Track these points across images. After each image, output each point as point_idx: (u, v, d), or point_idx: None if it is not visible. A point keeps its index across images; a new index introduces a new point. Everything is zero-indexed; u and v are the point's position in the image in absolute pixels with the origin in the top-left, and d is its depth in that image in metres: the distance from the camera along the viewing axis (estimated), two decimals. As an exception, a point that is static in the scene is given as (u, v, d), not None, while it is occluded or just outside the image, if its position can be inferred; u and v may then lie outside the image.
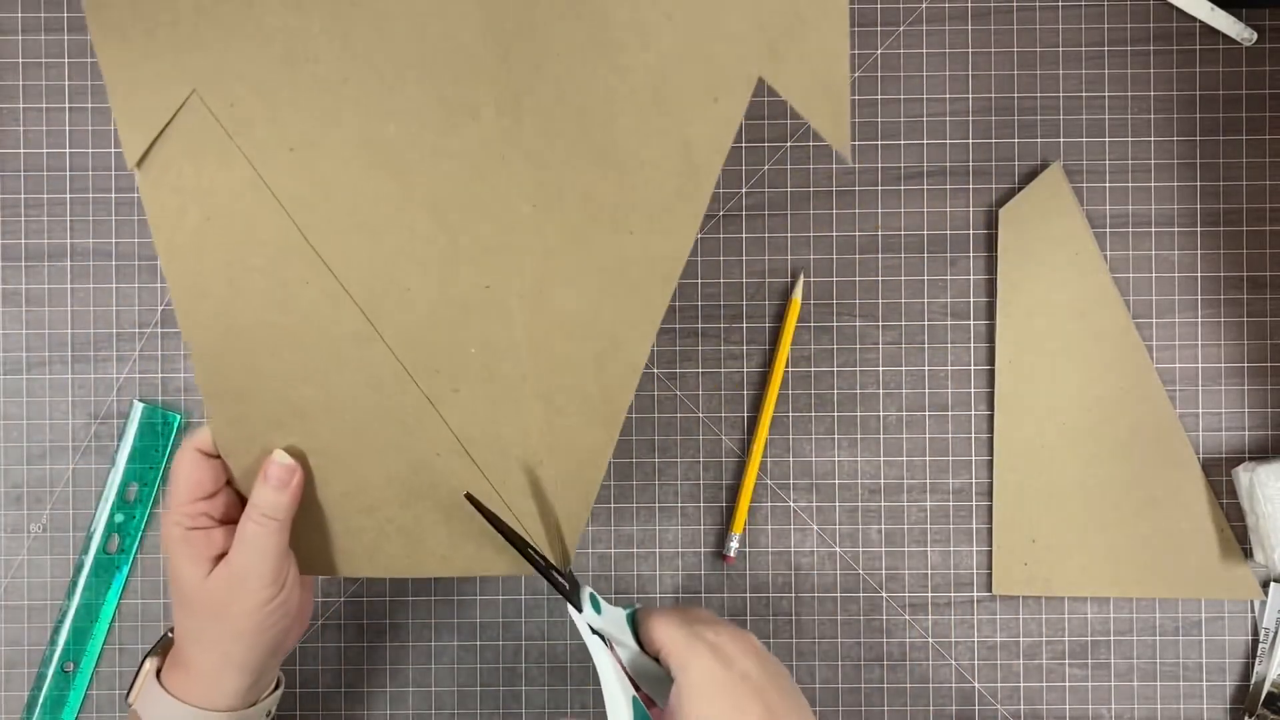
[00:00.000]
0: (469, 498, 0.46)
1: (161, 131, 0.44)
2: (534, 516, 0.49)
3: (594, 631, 0.47)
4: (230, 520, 0.49)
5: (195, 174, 0.44)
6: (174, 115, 0.43)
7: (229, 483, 0.49)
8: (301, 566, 0.50)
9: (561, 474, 0.48)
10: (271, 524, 0.47)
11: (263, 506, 0.47)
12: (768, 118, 0.62)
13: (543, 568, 0.47)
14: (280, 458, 0.47)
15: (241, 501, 0.49)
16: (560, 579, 0.47)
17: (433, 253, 0.45)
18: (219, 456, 0.49)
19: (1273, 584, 0.61)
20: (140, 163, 0.44)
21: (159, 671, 0.50)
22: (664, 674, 0.47)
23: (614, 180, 0.44)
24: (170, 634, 0.51)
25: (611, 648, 0.47)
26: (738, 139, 0.62)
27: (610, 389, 0.47)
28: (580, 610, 0.47)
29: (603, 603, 0.48)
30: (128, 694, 0.50)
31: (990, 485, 0.62)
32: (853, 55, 0.63)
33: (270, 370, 0.47)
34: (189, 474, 0.48)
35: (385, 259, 0.45)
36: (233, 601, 0.47)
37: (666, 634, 0.46)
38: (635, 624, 0.49)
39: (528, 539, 0.47)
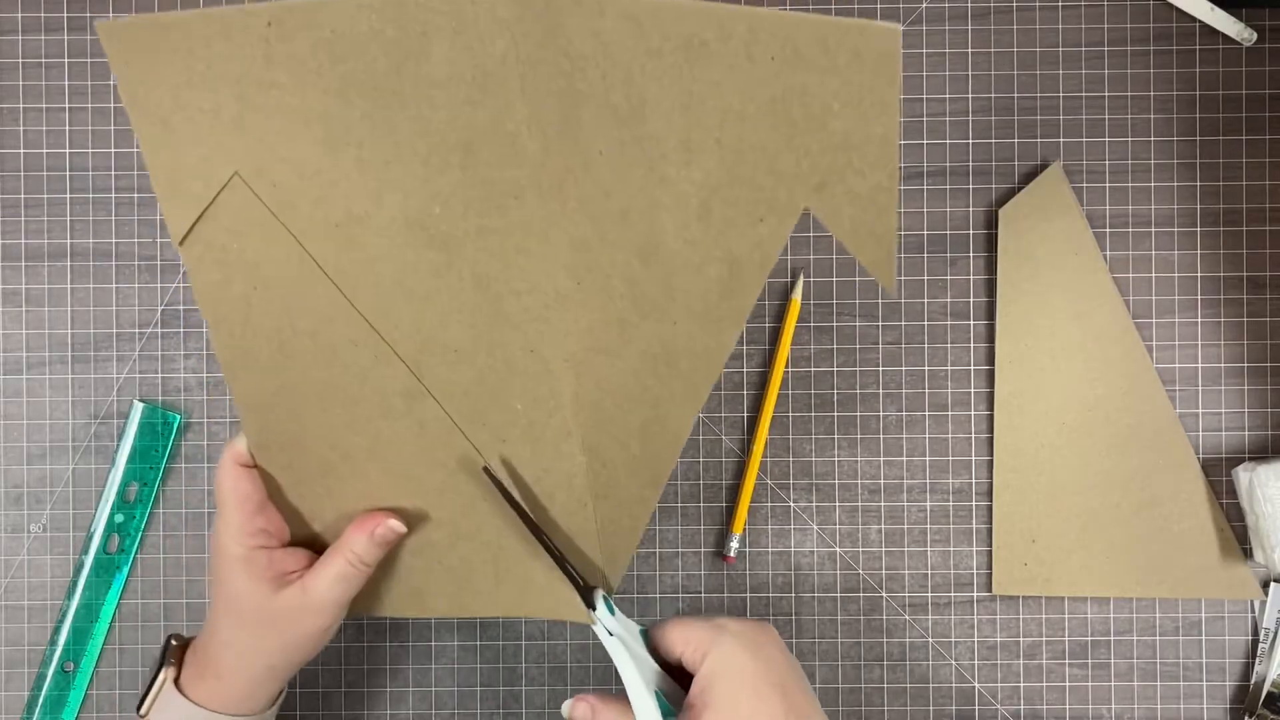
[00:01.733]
0: (485, 471, 0.46)
1: (205, 211, 0.44)
2: (579, 554, 0.50)
3: (610, 634, 0.47)
4: (285, 543, 0.51)
5: (240, 249, 0.45)
6: (216, 195, 0.44)
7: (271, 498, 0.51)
8: (352, 606, 0.51)
9: (605, 518, 0.50)
10: (363, 569, 0.49)
11: (360, 553, 0.49)
12: (768, 118, 0.62)
13: (560, 559, 0.47)
14: (395, 525, 0.49)
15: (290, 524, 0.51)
16: (576, 574, 0.48)
17: (478, 319, 0.46)
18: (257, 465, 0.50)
19: (1273, 584, 0.61)
20: (183, 240, 0.45)
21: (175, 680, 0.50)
22: (679, 691, 0.47)
23: (657, 274, 0.44)
24: (175, 641, 0.51)
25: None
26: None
27: (654, 454, 0.48)
28: (594, 608, 0.47)
29: (617, 610, 0.48)
30: (139, 707, 0.50)
31: (990, 485, 0.62)
32: (853, 55, 0.63)
33: (319, 422, 0.48)
34: (235, 487, 0.49)
35: (432, 324, 0.46)
36: (298, 624, 0.49)
37: (687, 631, 0.46)
38: (648, 641, 0.49)
39: (543, 528, 0.47)
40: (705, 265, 0.44)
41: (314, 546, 0.51)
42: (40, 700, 0.62)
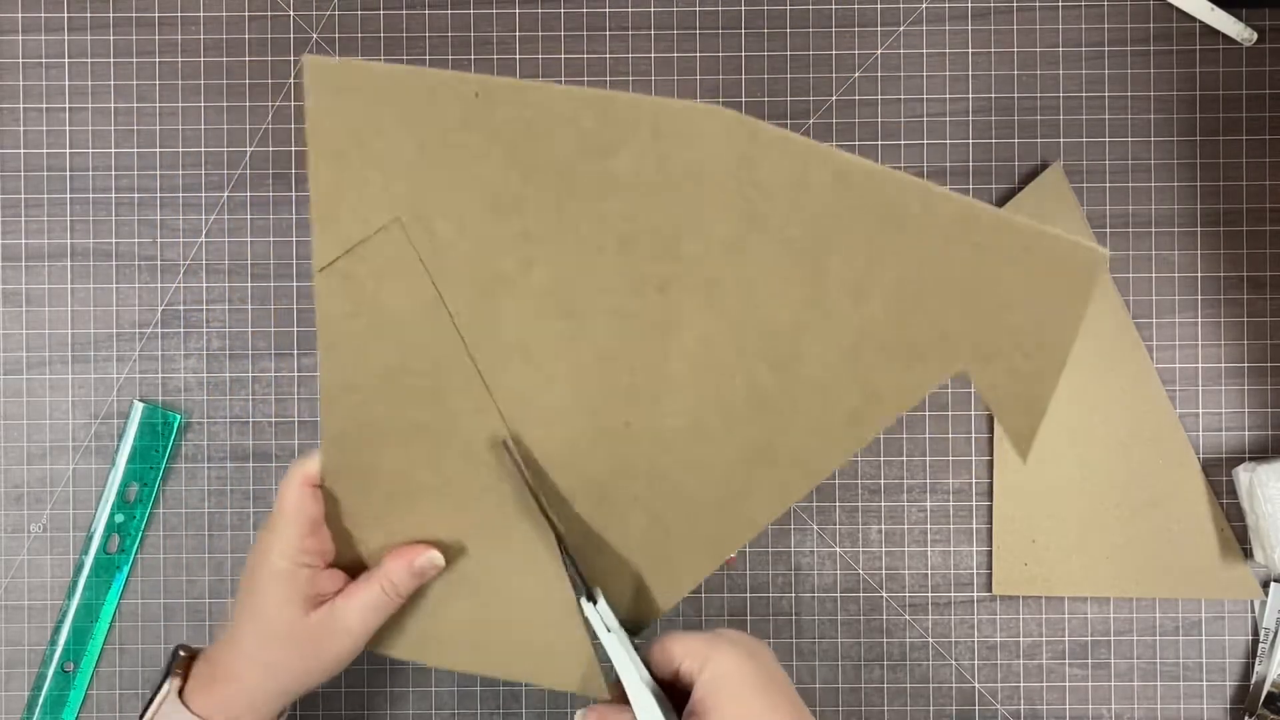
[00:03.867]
0: (504, 445, 0.47)
1: (354, 246, 0.45)
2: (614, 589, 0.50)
3: (608, 630, 0.48)
4: (329, 565, 0.50)
5: (375, 288, 0.45)
6: (372, 235, 0.45)
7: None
8: (371, 640, 0.51)
9: (651, 573, 0.50)
10: (396, 599, 0.49)
11: (397, 581, 0.49)
12: (768, 118, 0.62)
13: (564, 549, 0.47)
14: (435, 558, 0.49)
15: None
16: (577, 568, 0.48)
17: (587, 389, 0.46)
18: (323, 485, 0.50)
19: (1273, 584, 0.61)
20: (323, 269, 0.45)
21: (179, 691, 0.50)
22: (667, 701, 0.47)
23: (784, 385, 0.45)
24: (182, 653, 0.51)
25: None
26: (738, 139, 0.62)
27: (723, 534, 0.48)
28: (595, 603, 0.47)
29: (614, 617, 0.49)
30: (141, 717, 0.50)
31: (990, 485, 0.62)
32: (852, 55, 0.63)
33: (398, 456, 0.48)
34: (301, 506, 0.48)
35: (540, 385, 0.47)
36: (322, 647, 0.48)
37: (684, 643, 0.47)
38: (642, 655, 0.49)
39: (554, 521, 0.47)
40: (840, 393, 0.44)
41: (354, 572, 0.51)
42: (40, 700, 0.62)
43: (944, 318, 0.42)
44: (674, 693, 0.47)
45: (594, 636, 0.48)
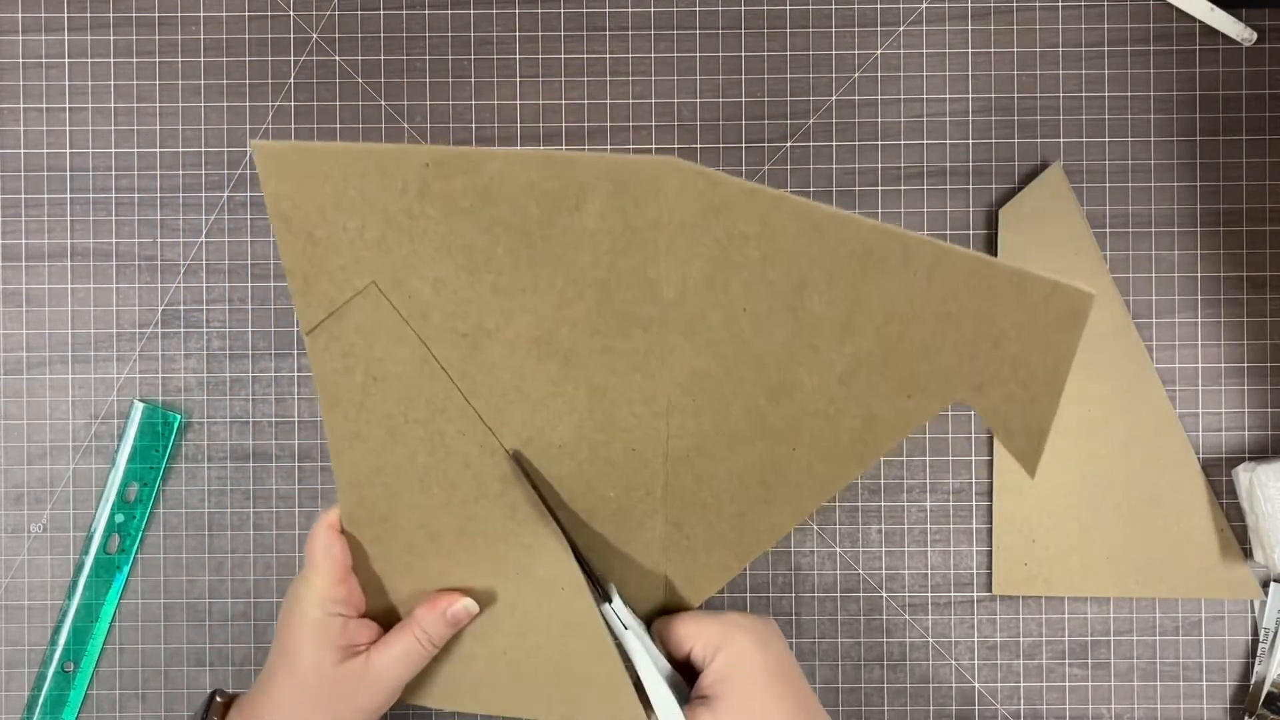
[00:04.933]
0: (516, 456, 0.47)
1: (336, 310, 0.45)
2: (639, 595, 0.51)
3: (625, 627, 0.48)
4: (361, 614, 0.50)
5: (366, 345, 0.46)
6: (350, 299, 0.45)
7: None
8: (404, 690, 0.51)
9: (678, 576, 0.50)
10: (430, 648, 0.49)
11: (430, 631, 0.49)
12: (768, 118, 0.62)
13: (575, 550, 0.48)
14: (469, 605, 0.49)
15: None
16: (590, 566, 0.48)
17: (588, 423, 0.47)
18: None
19: (1273, 584, 0.61)
20: (311, 331, 0.46)
21: None
22: (683, 684, 0.48)
23: (785, 413, 0.45)
24: (218, 699, 0.51)
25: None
26: (738, 138, 0.62)
27: (748, 538, 0.49)
28: (610, 601, 0.48)
29: (631, 614, 0.49)
30: None
31: (990, 485, 0.62)
32: (852, 55, 0.63)
33: (414, 502, 0.49)
34: (327, 551, 0.48)
35: (541, 424, 0.47)
36: (356, 698, 0.48)
37: (698, 626, 0.47)
38: (653, 636, 0.50)
39: (564, 526, 0.48)
40: (840, 416, 0.44)
41: (385, 622, 0.51)
42: (40, 700, 0.62)
43: (936, 352, 0.42)
44: (685, 671, 0.48)
45: (620, 646, 0.48)
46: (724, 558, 0.50)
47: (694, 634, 0.47)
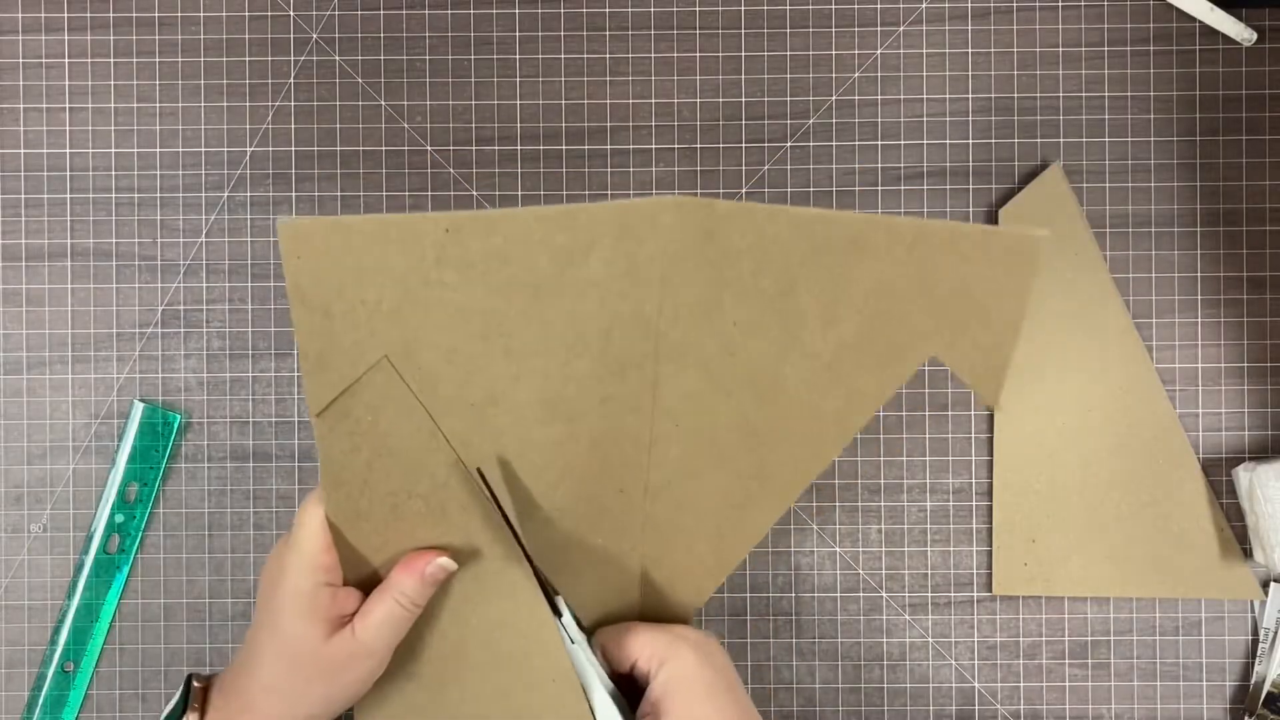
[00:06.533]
0: (479, 473, 0.47)
1: (347, 388, 0.45)
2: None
3: (573, 641, 0.48)
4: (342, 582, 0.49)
5: (373, 421, 0.46)
6: (362, 375, 0.45)
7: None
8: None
9: (650, 605, 0.51)
10: (412, 609, 0.48)
11: (409, 592, 0.47)
12: (768, 118, 0.62)
13: (532, 563, 0.47)
14: (445, 563, 0.48)
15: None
16: (545, 579, 0.48)
17: (587, 478, 0.47)
18: None
19: (1273, 584, 0.61)
20: (321, 413, 0.46)
21: None
22: (623, 701, 0.48)
23: (770, 415, 0.46)
24: (196, 682, 0.49)
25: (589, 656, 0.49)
26: (738, 138, 0.62)
27: (722, 558, 0.49)
28: (560, 616, 0.48)
29: (577, 616, 0.49)
30: None
31: (990, 485, 0.62)
32: (852, 55, 0.63)
33: (404, 549, 0.49)
34: (320, 521, 0.47)
35: (543, 488, 0.47)
36: (347, 671, 0.47)
37: (644, 638, 0.47)
38: (594, 647, 0.50)
39: (519, 533, 0.47)
40: (823, 401, 0.45)
41: (365, 588, 0.51)
42: (40, 700, 0.62)
43: (912, 317, 0.44)
44: (626, 684, 0.48)
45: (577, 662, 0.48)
46: (701, 581, 0.50)
47: (638, 648, 0.47)
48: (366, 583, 0.49)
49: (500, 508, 0.46)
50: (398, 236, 0.43)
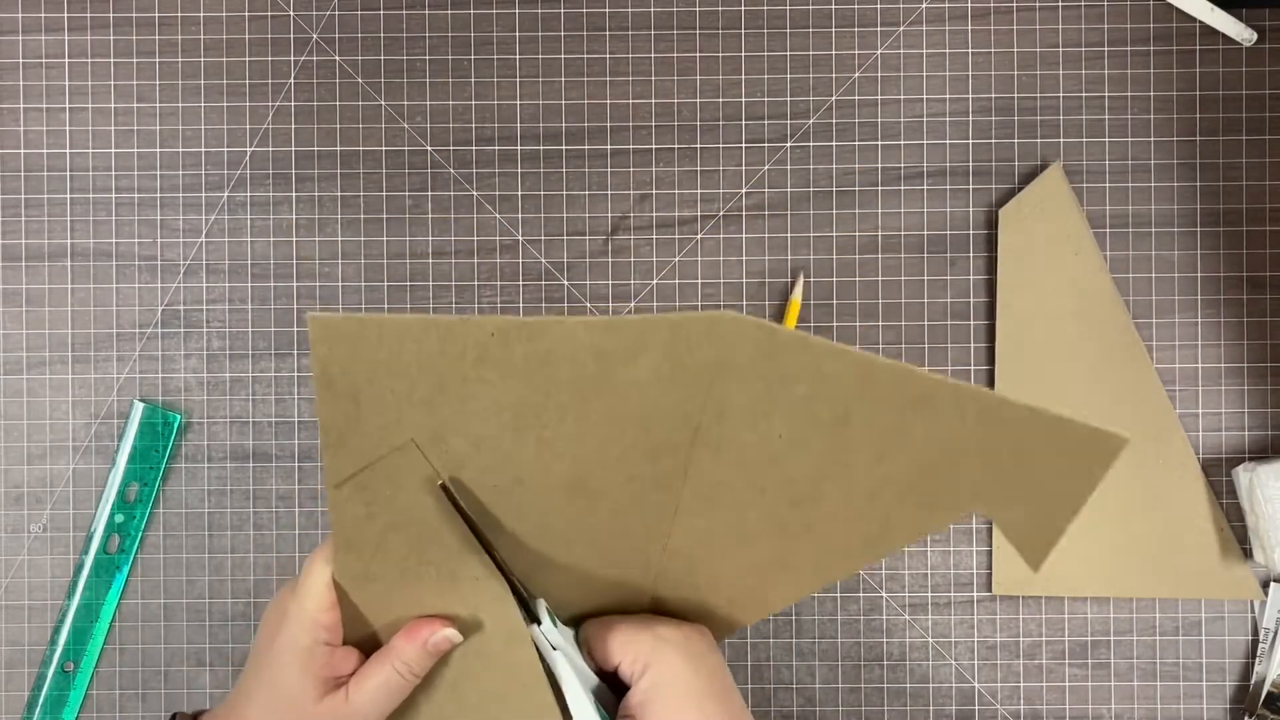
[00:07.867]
0: (443, 488, 0.45)
1: (369, 464, 0.44)
2: None
3: (554, 647, 0.47)
4: (341, 643, 0.48)
5: (392, 495, 0.45)
6: (385, 455, 0.44)
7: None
8: None
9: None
10: (410, 679, 0.46)
11: (410, 661, 0.46)
12: (768, 118, 0.62)
13: (505, 571, 0.46)
14: (450, 634, 0.46)
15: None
16: (520, 585, 0.47)
17: (605, 549, 0.47)
18: None
19: (1273, 584, 0.61)
20: (339, 485, 0.44)
21: None
22: (611, 697, 0.47)
23: (802, 517, 0.45)
24: None
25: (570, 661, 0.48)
26: (738, 138, 0.62)
27: (737, 612, 0.49)
28: (539, 624, 0.47)
29: (558, 621, 0.48)
30: None
31: (990, 485, 0.62)
32: (852, 55, 0.63)
33: (409, 615, 0.48)
34: (325, 581, 0.46)
35: (562, 557, 0.47)
36: None
37: (626, 639, 0.46)
38: (580, 642, 0.49)
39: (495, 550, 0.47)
40: (858, 524, 0.44)
41: (365, 649, 0.50)
42: (40, 700, 0.62)
43: (966, 473, 0.42)
44: (614, 680, 0.47)
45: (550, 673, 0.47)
46: (714, 628, 0.50)
47: (621, 647, 0.46)
48: (366, 644, 0.48)
49: (470, 521, 0.45)
50: (439, 336, 0.41)
